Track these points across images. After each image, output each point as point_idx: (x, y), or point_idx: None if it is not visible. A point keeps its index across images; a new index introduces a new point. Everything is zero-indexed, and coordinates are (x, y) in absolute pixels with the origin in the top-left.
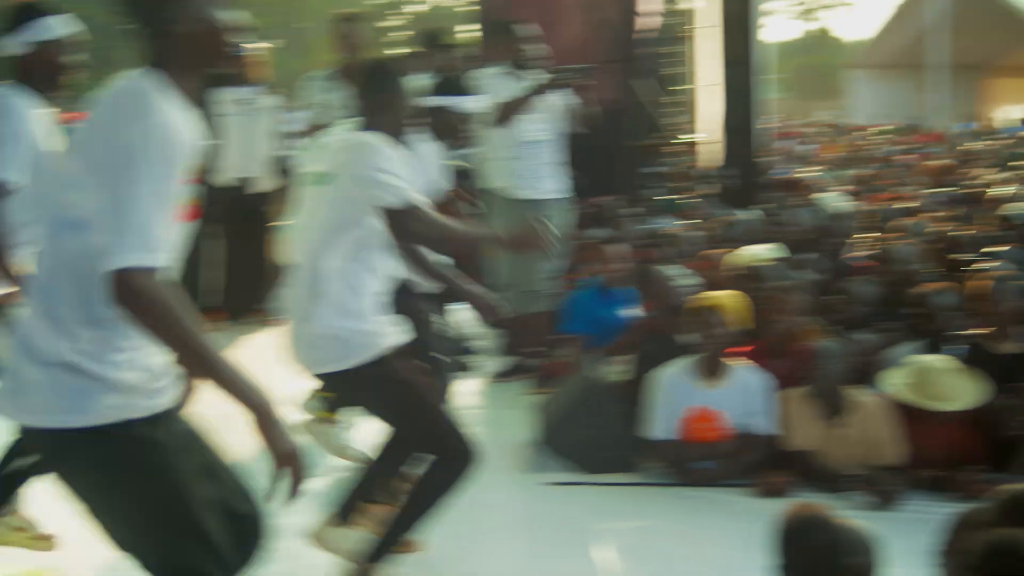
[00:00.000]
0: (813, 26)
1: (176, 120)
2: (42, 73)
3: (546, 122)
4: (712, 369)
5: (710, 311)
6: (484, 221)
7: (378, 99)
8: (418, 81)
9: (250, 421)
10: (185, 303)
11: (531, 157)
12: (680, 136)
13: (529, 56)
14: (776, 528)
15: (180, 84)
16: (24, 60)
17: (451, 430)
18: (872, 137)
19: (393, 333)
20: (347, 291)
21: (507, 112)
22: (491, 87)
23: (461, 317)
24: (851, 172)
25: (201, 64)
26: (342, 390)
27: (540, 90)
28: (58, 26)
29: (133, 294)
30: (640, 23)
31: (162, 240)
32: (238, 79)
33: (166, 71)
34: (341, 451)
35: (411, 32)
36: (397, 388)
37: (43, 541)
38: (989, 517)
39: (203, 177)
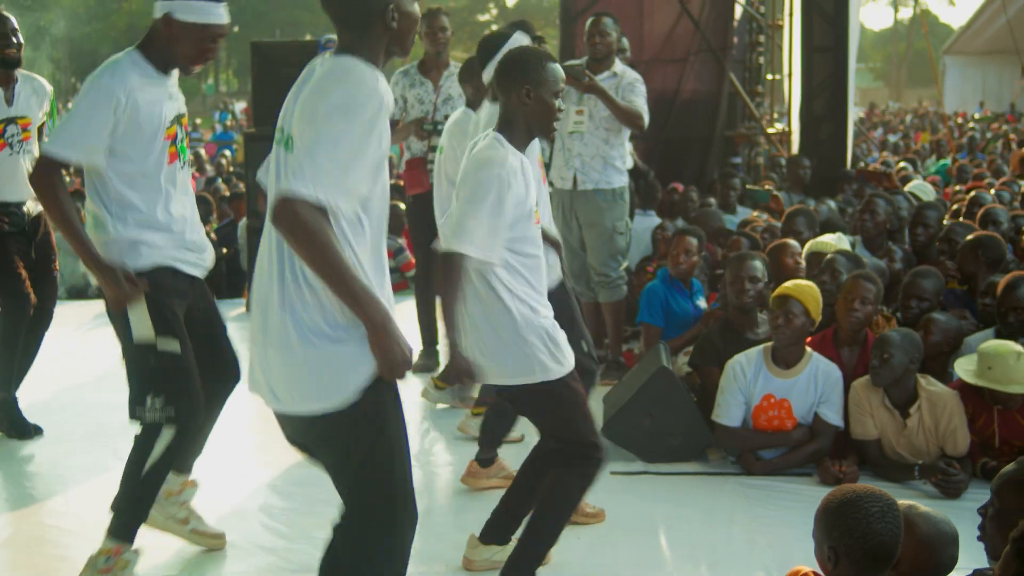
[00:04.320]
0: (908, 13)
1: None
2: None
3: (596, 115)
4: (784, 358)
5: (784, 300)
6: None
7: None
8: None
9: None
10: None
11: (578, 149)
12: (765, 126)
13: (611, 49)
14: (823, 508)
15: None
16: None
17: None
18: (965, 125)
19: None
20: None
21: None
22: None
23: None
24: (942, 161)
25: (391, 50)
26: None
27: (585, 84)
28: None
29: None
30: (731, 12)
31: (344, 184)
32: None
33: (359, 55)
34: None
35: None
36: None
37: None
38: None
39: None
